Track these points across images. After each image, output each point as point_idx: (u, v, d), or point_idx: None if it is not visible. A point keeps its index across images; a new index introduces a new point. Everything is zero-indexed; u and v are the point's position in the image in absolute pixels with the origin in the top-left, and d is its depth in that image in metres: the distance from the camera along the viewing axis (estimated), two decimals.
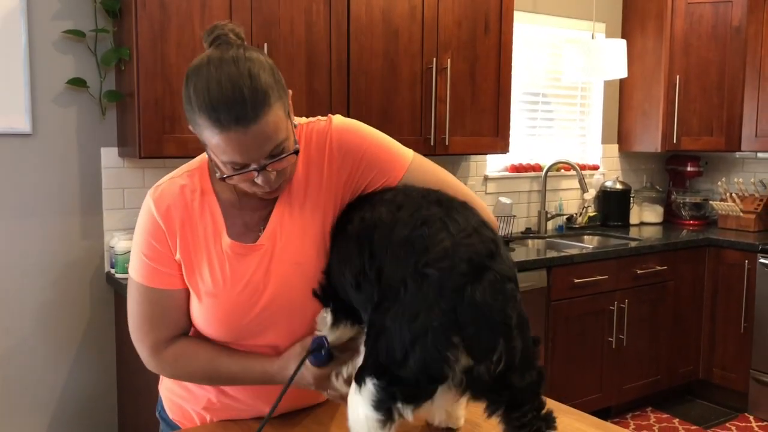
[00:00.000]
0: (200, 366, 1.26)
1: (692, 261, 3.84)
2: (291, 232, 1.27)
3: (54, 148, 2.61)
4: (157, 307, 1.26)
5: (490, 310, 1.01)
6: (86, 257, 2.69)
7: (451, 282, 1.01)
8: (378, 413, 1.05)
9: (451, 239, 1.06)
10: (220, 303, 1.24)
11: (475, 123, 3.26)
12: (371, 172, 1.29)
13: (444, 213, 1.12)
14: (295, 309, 1.28)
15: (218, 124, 1.09)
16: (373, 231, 1.16)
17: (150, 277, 1.25)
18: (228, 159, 1.12)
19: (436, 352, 0.99)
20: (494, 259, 1.05)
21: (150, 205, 1.25)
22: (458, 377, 1.02)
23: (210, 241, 1.25)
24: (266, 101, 1.10)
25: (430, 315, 1.00)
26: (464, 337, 0.99)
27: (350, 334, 1.25)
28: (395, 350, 1.02)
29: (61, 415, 2.68)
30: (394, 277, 1.07)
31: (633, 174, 4.48)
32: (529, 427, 1.05)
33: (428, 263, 1.04)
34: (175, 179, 1.27)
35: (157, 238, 1.24)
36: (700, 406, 3.92)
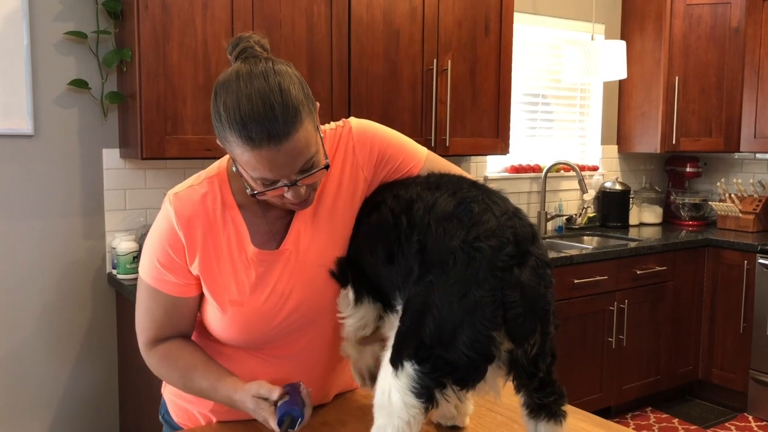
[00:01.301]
0: (176, 373, 1.28)
1: (691, 261, 3.85)
2: (315, 235, 1.28)
3: (56, 150, 2.61)
4: (161, 309, 1.27)
5: (534, 293, 1.01)
6: (88, 258, 2.70)
7: (500, 261, 1.00)
8: (420, 400, 1.02)
9: (496, 220, 1.06)
10: (245, 311, 1.24)
11: (475, 124, 3.27)
12: (388, 167, 1.32)
13: (484, 195, 1.13)
14: (321, 312, 1.28)
15: (250, 141, 1.08)
16: (412, 205, 1.16)
17: (160, 283, 1.25)
18: (259, 175, 1.12)
19: (485, 330, 0.98)
20: (534, 243, 1.06)
21: (170, 214, 1.23)
22: (504, 357, 1.02)
23: (234, 251, 1.24)
24: (298, 117, 1.10)
25: (480, 291, 0.99)
26: (508, 318, 0.99)
27: (373, 313, 1.24)
28: (443, 328, 1.00)
29: (63, 416, 2.69)
30: (441, 248, 1.05)
31: (632, 175, 4.49)
32: (547, 410, 1.08)
33: (479, 238, 1.03)
34: (196, 187, 1.25)
35: (175, 248, 1.23)
36: (700, 406, 3.93)
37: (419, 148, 1.37)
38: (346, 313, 1.26)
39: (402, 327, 1.07)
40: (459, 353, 0.99)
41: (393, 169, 1.32)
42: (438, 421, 1.33)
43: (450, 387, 1.03)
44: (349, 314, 1.25)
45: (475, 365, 1.00)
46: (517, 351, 1.02)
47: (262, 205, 1.26)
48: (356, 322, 1.25)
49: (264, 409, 1.19)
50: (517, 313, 0.99)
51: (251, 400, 1.21)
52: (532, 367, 1.05)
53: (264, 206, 1.27)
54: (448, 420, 1.32)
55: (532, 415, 1.09)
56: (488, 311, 0.98)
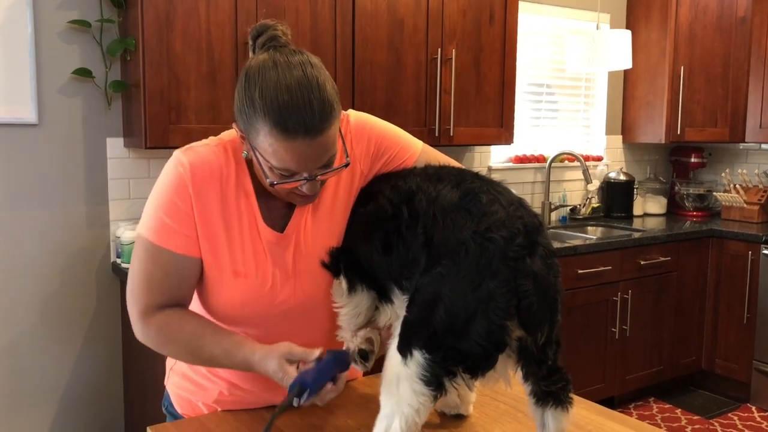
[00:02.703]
0: (183, 339, 1.21)
1: (696, 252, 3.85)
2: (316, 228, 1.28)
3: (59, 139, 2.61)
4: (161, 270, 1.20)
5: (546, 282, 1.02)
6: (92, 247, 2.70)
7: (512, 252, 1.01)
8: (429, 388, 1.03)
9: (504, 210, 1.06)
10: (249, 285, 1.23)
11: (479, 114, 3.26)
12: (383, 159, 1.33)
13: (488, 186, 1.13)
14: (318, 301, 1.28)
15: (284, 131, 1.07)
16: (412, 196, 1.16)
17: (164, 236, 1.20)
18: (283, 166, 1.11)
19: (499, 320, 0.98)
20: (541, 233, 1.06)
21: (182, 165, 1.19)
22: (514, 346, 1.03)
23: (245, 222, 1.23)
24: (333, 113, 1.10)
25: (494, 282, 0.99)
26: (521, 308, 1.00)
27: (367, 302, 1.24)
28: (456, 318, 1.00)
29: (67, 405, 2.70)
30: (450, 240, 1.05)
31: (636, 165, 4.48)
32: (555, 397, 1.08)
33: (490, 228, 1.03)
34: (211, 146, 1.23)
35: (182, 198, 1.19)
36: (703, 396, 3.93)
37: (414, 140, 1.37)
38: (340, 303, 1.26)
39: (409, 316, 1.07)
40: (472, 343, 1.00)
41: (388, 161, 1.32)
42: (442, 410, 1.34)
43: (460, 375, 1.03)
44: (344, 303, 1.26)
45: (488, 354, 1.01)
46: (527, 339, 1.03)
47: (267, 193, 1.26)
48: (350, 311, 1.26)
49: (287, 373, 1.15)
50: (530, 303, 1.00)
51: (277, 361, 1.16)
52: (541, 355, 1.05)
53: (268, 194, 1.27)
54: (451, 409, 1.33)
55: (539, 403, 1.09)
56: (502, 301, 0.99)
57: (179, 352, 1.25)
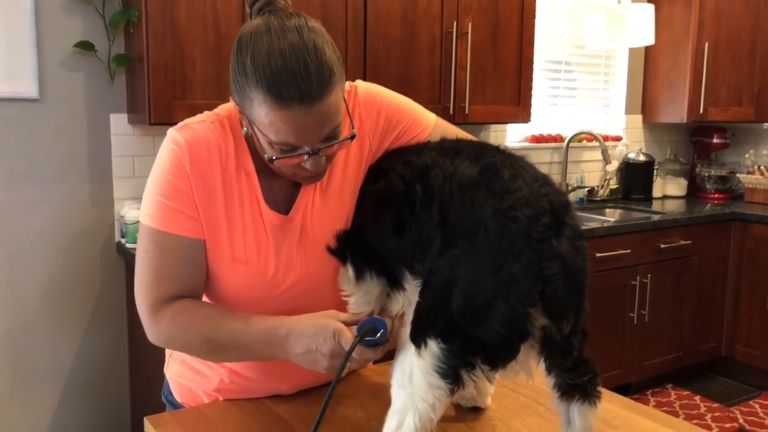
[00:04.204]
0: (198, 324, 1.10)
1: (717, 235, 3.73)
2: (324, 209, 1.20)
3: (62, 114, 2.53)
4: (169, 257, 1.11)
5: (573, 266, 0.93)
6: (96, 227, 2.63)
7: (537, 232, 0.92)
8: (445, 381, 0.94)
9: (528, 187, 0.97)
10: (251, 272, 1.15)
11: (496, 91, 3.14)
12: (395, 133, 1.24)
13: (510, 160, 1.04)
14: (324, 288, 1.20)
15: (279, 99, 0.98)
16: (427, 171, 1.06)
17: (168, 220, 1.11)
18: (280, 139, 1.02)
19: (521, 306, 0.90)
20: (569, 213, 0.97)
21: (177, 144, 1.11)
22: (537, 335, 0.94)
23: (246, 206, 1.15)
24: (332, 79, 1.01)
25: (516, 264, 0.90)
26: (546, 293, 0.91)
27: (377, 289, 1.16)
28: (474, 303, 0.91)
29: (72, 388, 2.64)
30: (468, 219, 0.96)
31: (656, 145, 4.35)
32: (581, 390, 1.00)
33: (513, 207, 0.94)
34: (207, 123, 1.14)
35: (180, 178, 1.10)
36: (722, 383, 3.83)
37: (427, 112, 1.28)
38: (347, 291, 1.18)
39: (423, 302, 0.98)
40: (491, 331, 0.91)
41: (399, 135, 1.23)
42: (458, 402, 1.25)
43: (479, 367, 0.94)
44: (352, 291, 1.17)
45: (509, 344, 0.92)
46: (551, 328, 0.94)
47: (270, 172, 1.17)
48: (360, 299, 1.17)
49: (337, 328, 1.02)
50: (556, 288, 0.91)
51: (322, 319, 1.05)
52: (566, 345, 0.97)
53: (271, 173, 1.18)
54: (468, 401, 1.24)
55: (564, 396, 1.01)
56: (525, 286, 0.90)
57: (194, 342, 1.12)
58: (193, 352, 1.17)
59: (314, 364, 1.06)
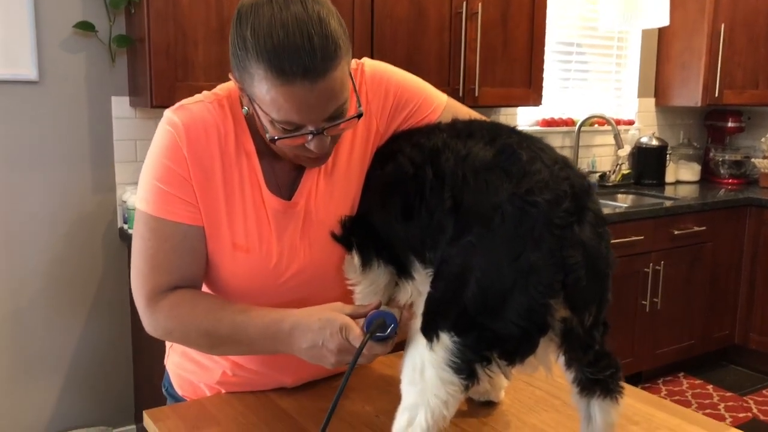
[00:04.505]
0: (197, 317, 1.05)
1: (732, 221, 3.65)
2: (328, 194, 1.13)
3: (62, 97, 2.47)
4: (166, 245, 1.06)
5: (596, 254, 0.87)
6: (97, 212, 2.58)
7: (557, 218, 0.86)
8: (459, 376, 0.89)
9: (548, 170, 0.91)
10: (252, 260, 1.09)
11: (506, 73, 3.06)
12: (403, 114, 1.17)
13: (527, 141, 0.97)
14: (329, 277, 1.14)
15: (281, 74, 0.92)
16: (438, 154, 1.00)
17: (164, 206, 1.05)
18: (282, 118, 0.96)
19: (541, 297, 0.84)
20: (591, 197, 0.91)
21: (173, 126, 1.05)
22: (557, 328, 0.88)
23: (247, 191, 1.09)
24: (337, 53, 0.94)
25: (536, 252, 0.84)
26: (567, 283, 0.85)
27: (384, 278, 1.10)
28: (490, 294, 0.85)
29: (75, 374, 2.60)
30: (483, 204, 0.90)
31: (669, 130, 4.26)
32: (602, 385, 0.95)
33: (532, 191, 0.88)
34: (205, 103, 1.08)
35: (176, 161, 1.04)
36: (735, 372, 3.77)
37: (437, 92, 1.22)
38: (353, 280, 1.12)
39: (435, 292, 0.92)
40: (508, 323, 0.85)
41: (408, 116, 1.17)
42: (470, 396, 1.20)
43: (495, 361, 0.89)
44: (358, 281, 1.11)
45: (527, 337, 0.86)
46: (572, 320, 0.88)
47: (272, 154, 1.11)
48: (366, 289, 1.11)
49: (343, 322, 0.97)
50: (578, 277, 0.85)
51: (328, 312, 1.00)
52: (587, 338, 0.91)
53: (273, 155, 1.11)
54: (481, 395, 1.19)
55: (584, 392, 0.96)
56: (545, 275, 0.84)
57: (194, 336, 1.07)
58: (193, 346, 1.12)
59: (320, 359, 1.01)
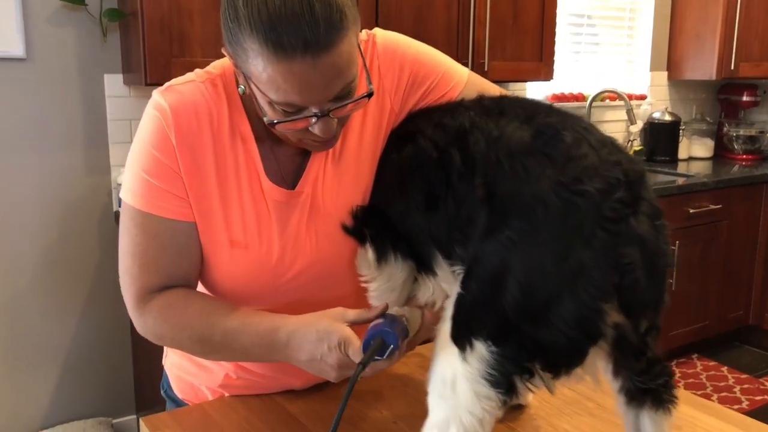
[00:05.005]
0: (189, 321, 0.96)
1: (748, 199, 3.54)
2: (337, 181, 1.03)
3: (51, 75, 2.35)
4: (154, 242, 0.96)
5: (655, 251, 0.76)
6: (92, 196, 2.47)
7: (610, 210, 0.75)
8: (496, 390, 0.78)
9: (596, 154, 0.79)
10: (251, 257, 0.99)
11: (516, 47, 2.93)
12: (420, 91, 1.06)
13: (569, 121, 0.85)
14: (340, 273, 1.04)
15: (279, 49, 0.80)
16: (465, 135, 0.89)
17: (151, 200, 0.95)
18: (282, 99, 0.84)
19: (593, 302, 0.73)
20: (645, 185, 0.80)
21: (161, 110, 0.94)
22: (610, 335, 0.77)
23: (243, 180, 0.98)
24: (343, 24, 0.82)
25: (587, 250, 0.74)
26: (623, 285, 0.74)
27: (402, 274, 0.99)
28: (534, 298, 0.75)
29: (73, 364, 2.51)
30: (522, 193, 0.79)
31: (681, 104, 4.13)
32: (654, 395, 0.85)
33: (579, 179, 0.77)
34: (197, 83, 0.97)
35: (164, 151, 0.94)
36: (750, 352, 3.68)
37: (458, 66, 1.10)
38: (368, 276, 1.01)
39: (466, 294, 0.81)
40: (555, 331, 0.74)
41: (426, 93, 1.06)
42: None
43: (537, 373, 0.79)
44: (372, 277, 1.00)
45: (577, 347, 0.76)
46: (626, 326, 0.78)
47: (273, 138, 1.00)
48: (382, 286, 1.00)
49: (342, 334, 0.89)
50: (635, 279, 0.75)
51: (327, 322, 0.92)
52: (641, 345, 0.81)
53: (274, 139, 1.00)
54: None
55: (632, 402, 0.85)
56: (597, 277, 0.73)
57: (186, 342, 0.99)
58: (187, 351, 1.03)
59: (321, 372, 0.93)
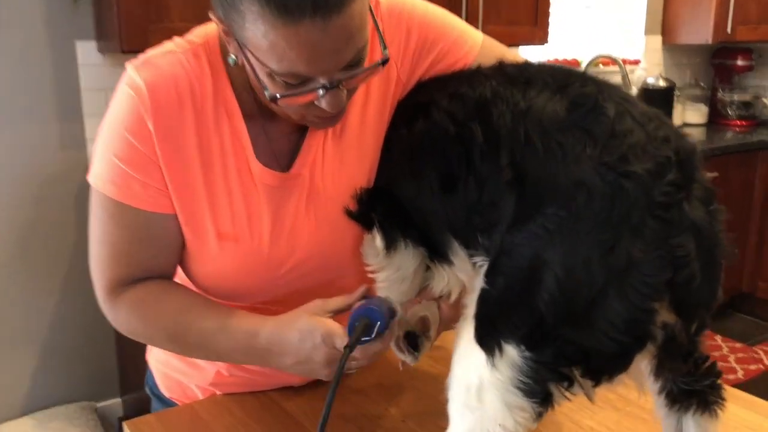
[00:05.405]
0: (162, 318, 0.89)
1: (744, 166, 3.48)
2: (338, 161, 0.92)
3: (19, 42, 2.19)
4: (127, 234, 0.88)
5: (712, 240, 0.68)
6: (67, 171, 2.33)
7: (662, 195, 0.65)
8: (530, 400, 0.69)
9: (642, 129, 0.70)
10: (242, 250, 0.89)
11: (510, 10, 2.82)
12: (430, 58, 0.95)
13: (608, 91, 0.75)
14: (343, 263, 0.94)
15: (283, 11, 0.69)
16: (487, 107, 0.78)
17: (122, 188, 0.85)
18: (285, 69, 0.74)
19: (644, 301, 0.64)
20: (697, 164, 0.70)
21: (135, 89, 0.84)
22: (659, 338, 0.68)
23: (230, 164, 0.88)
24: None
25: (637, 242, 0.64)
26: (677, 281, 0.65)
27: (413, 262, 0.90)
28: (574, 298, 0.66)
29: (54, 347, 2.40)
30: (558, 176, 0.69)
31: (675, 69, 4.03)
32: (700, 397, 0.77)
33: (626, 158, 0.67)
34: (177, 54, 0.86)
35: (139, 135, 0.84)
36: (743, 320, 3.66)
37: (471, 30, 0.99)
38: (375, 265, 0.92)
39: (492, 290, 0.72)
40: (599, 335, 0.65)
41: (436, 60, 0.95)
42: None
43: (577, 381, 0.69)
44: (380, 266, 0.91)
45: (623, 352, 0.67)
46: (676, 326, 0.69)
47: (266, 115, 0.89)
48: (391, 276, 0.91)
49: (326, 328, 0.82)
50: (691, 274, 0.65)
51: (306, 318, 0.84)
52: (690, 346, 0.73)
53: (267, 116, 0.89)
54: None
55: (675, 405, 0.78)
56: (649, 272, 0.64)
57: (159, 339, 0.92)
58: (162, 348, 0.96)
59: (311, 373, 0.86)
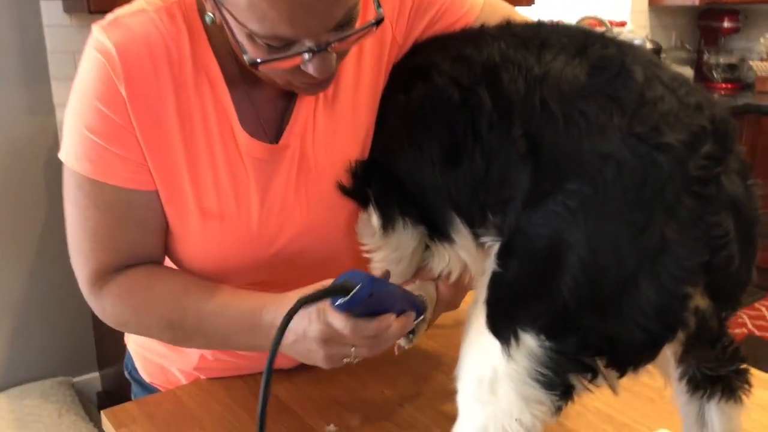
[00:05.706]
0: (156, 304, 0.81)
1: None
2: (331, 134, 0.84)
3: None
4: (107, 216, 0.80)
5: (750, 219, 0.61)
6: (36, 137, 2.22)
7: (697, 169, 0.58)
8: (550, 393, 0.63)
9: (673, 96, 0.62)
10: (228, 229, 0.82)
11: None
12: (426, 19, 0.87)
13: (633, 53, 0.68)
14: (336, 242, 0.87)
15: None
16: (496, 71, 0.71)
17: (98, 164, 0.78)
18: (267, 31, 0.66)
19: (678, 286, 0.58)
20: (732, 135, 0.63)
21: (105, 53, 0.75)
22: (691, 325, 0.63)
23: (214, 134, 0.80)
24: None
25: (671, 222, 0.58)
26: (714, 264, 0.59)
27: (412, 241, 0.84)
28: (600, 282, 0.59)
29: (26, 321, 2.31)
30: (582, 148, 0.62)
31: (661, 31, 3.97)
32: (725, 384, 0.72)
33: (659, 128, 0.60)
34: (149, 14, 0.78)
35: (113, 104, 0.76)
36: None
37: None
38: (371, 245, 0.85)
39: (506, 274, 0.65)
40: (628, 323, 0.59)
41: (434, 20, 0.87)
42: None
43: (600, 371, 0.63)
44: (377, 246, 0.85)
45: (654, 341, 0.61)
46: (709, 311, 0.63)
47: (250, 80, 0.81)
48: (388, 256, 0.85)
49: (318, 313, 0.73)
50: (729, 256, 0.59)
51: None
52: (719, 332, 0.68)
53: (251, 81, 0.81)
54: None
55: (697, 391, 0.73)
56: (684, 254, 0.58)
57: (153, 328, 0.83)
58: (155, 338, 0.88)
59: (308, 354, 0.76)
